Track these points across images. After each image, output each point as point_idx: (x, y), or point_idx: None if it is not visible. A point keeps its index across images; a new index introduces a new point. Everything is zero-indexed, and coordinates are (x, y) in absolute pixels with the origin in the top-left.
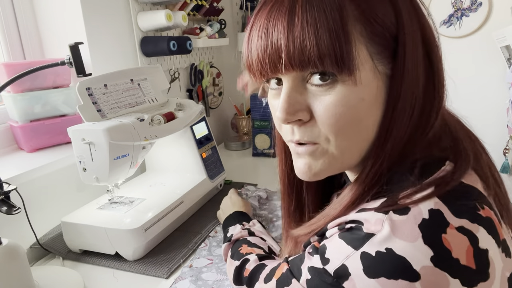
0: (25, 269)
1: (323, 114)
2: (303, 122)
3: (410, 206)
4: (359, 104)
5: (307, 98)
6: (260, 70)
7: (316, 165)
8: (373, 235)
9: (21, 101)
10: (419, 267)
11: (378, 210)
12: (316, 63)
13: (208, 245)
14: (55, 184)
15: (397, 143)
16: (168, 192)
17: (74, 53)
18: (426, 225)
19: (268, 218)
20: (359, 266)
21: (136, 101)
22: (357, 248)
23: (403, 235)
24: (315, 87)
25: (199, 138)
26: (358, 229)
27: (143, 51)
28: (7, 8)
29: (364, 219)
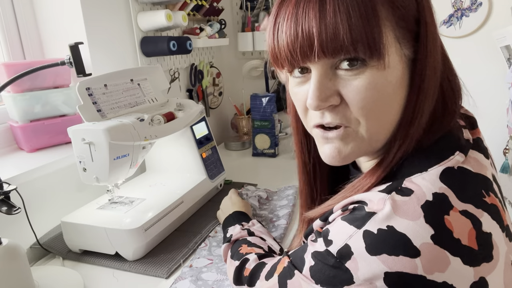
0: (25, 269)
1: (353, 97)
2: (334, 106)
3: (414, 189)
4: (387, 87)
5: (336, 83)
6: (289, 59)
7: (346, 149)
8: (375, 214)
9: (21, 101)
10: (419, 244)
11: (382, 190)
12: (349, 49)
13: (208, 245)
14: (55, 184)
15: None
16: (168, 192)
17: (74, 53)
18: (429, 206)
19: (268, 218)
20: (362, 244)
21: (136, 101)
22: (359, 227)
23: (405, 214)
24: (344, 71)
25: (199, 138)
26: (360, 209)
27: (143, 51)
28: (7, 8)
29: (369, 199)
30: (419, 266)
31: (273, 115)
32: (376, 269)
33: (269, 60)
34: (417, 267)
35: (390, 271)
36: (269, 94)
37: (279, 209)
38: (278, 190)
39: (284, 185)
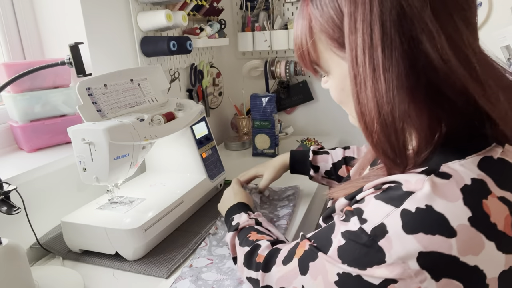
0: (25, 269)
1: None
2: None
3: (452, 174)
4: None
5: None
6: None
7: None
8: (413, 193)
9: (21, 101)
10: (456, 224)
11: (419, 172)
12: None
13: (208, 244)
14: (55, 184)
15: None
16: (168, 192)
17: (74, 53)
18: (468, 189)
19: (268, 218)
20: (398, 223)
21: (136, 101)
22: (397, 206)
23: (444, 195)
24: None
25: (199, 138)
26: (396, 188)
27: (143, 51)
28: (7, 8)
29: (405, 179)
30: (454, 246)
31: (273, 115)
32: (411, 248)
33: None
34: (452, 247)
35: (424, 251)
36: (269, 94)
37: (280, 209)
38: (279, 190)
39: (285, 185)
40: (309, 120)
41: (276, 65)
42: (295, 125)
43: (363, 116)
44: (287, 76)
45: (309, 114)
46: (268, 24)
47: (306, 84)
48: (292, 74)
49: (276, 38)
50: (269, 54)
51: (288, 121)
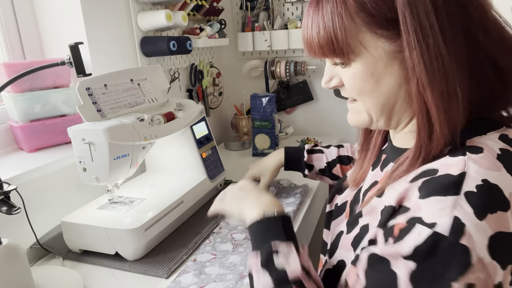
0: (25, 269)
1: (346, 84)
2: (340, 86)
3: (482, 146)
4: (368, 78)
5: (338, 72)
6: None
7: (353, 118)
8: (464, 173)
9: (21, 101)
10: (508, 194)
11: (452, 155)
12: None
13: (212, 241)
14: (55, 184)
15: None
16: (168, 192)
17: (74, 53)
18: (503, 158)
19: None
20: (469, 210)
21: (136, 101)
22: (457, 192)
23: (489, 166)
24: (337, 65)
25: (199, 138)
26: (442, 177)
27: (143, 51)
28: (7, 8)
29: (440, 165)
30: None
31: (273, 115)
32: (486, 234)
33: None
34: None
35: (492, 234)
36: (269, 94)
37: (286, 206)
38: (288, 187)
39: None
40: (309, 120)
41: (276, 65)
42: (295, 125)
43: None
44: (287, 76)
45: (309, 114)
46: (268, 24)
47: (306, 84)
48: (292, 74)
49: (276, 38)
50: (269, 54)
51: (288, 121)
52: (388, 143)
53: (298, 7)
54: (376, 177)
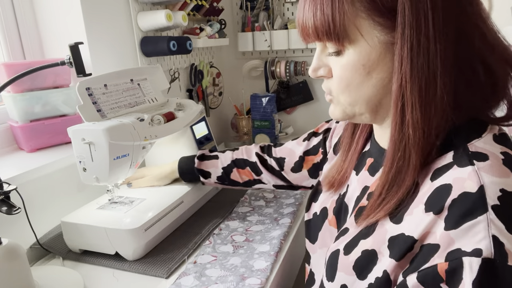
0: (25, 269)
1: (335, 75)
2: (327, 77)
3: (485, 152)
4: (360, 69)
5: (329, 61)
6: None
7: (336, 111)
8: (482, 186)
9: (21, 101)
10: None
11: (459, 164)
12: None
13: (213, 242)
14: (55, 184)
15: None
16: (168, 192)
17: (74, 53)
18: (507, 163)
19: (273, 217)
20: (501, 225)
21: (136, 101)
22: (484, 210)
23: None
24: (330, 54)
25: (199, 138)
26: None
27: (143, 51)
28: (7, 8)
29: (452, 179)
30: None
31: (273, 115)
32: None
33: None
34: None
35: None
36: (269, 94)
37: (285, 207)
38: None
39: None
40: (309, 120)
41: (276, 65)
42: (295, 125)
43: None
44: (287, 76)
45: (309, 114)
46: (268, 24)
47: (306, 84)
48: (292, 74)
49: (276, 38)
50: (269, 54)
51: (288, 121)
52: (374, 144)
53: None
54: (366, 182)
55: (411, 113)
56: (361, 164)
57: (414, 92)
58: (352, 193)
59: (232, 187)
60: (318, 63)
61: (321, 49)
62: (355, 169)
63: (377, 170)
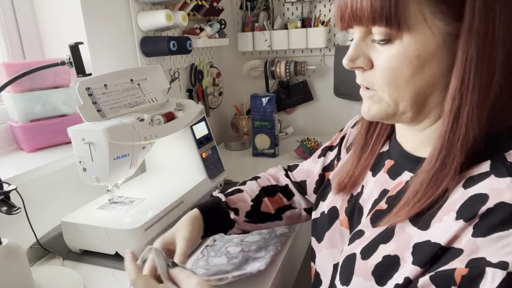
0: (25, 269)
1: (380, 66)
2: (364, 69)
3: None
4: (414, 60)
5: (371, 50)
6: (338, 22)
7: (373, 108)
8: None
9: (21, 101)
10: None
11: (497, 174)
12: (370, 20)
13: (206, 255)
14: (55, 184)
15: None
16: (168, 192)
17: (74, 53)
18: None
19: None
20: None
21: (136, 101)
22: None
23: None
24: (376, 42)
25: (199, 138)
26: (499, 209)
27: (143, 51)
28: (7, 8)
29: (489, 189)
30: None
31: (273, 115)
32: None
33: None
34: None
35: None
36: (269, 94)
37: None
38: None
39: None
40: (309, 120)
41: (276, 65)
42: (295, 125)
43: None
44: (287, 76)
45: (309, 114)
46: (268, 24)
47: (306, 84)
48: (292, 74)
49: (276, 38)
50: (269, 54)
51: (288, 121)
52: (394, 146)
53: (298, 7)
54: (386, 186)
55: (468, 112)
56: (378, 165)
57: (475, 89)
58: (369, 196)
59: (257, 226)
60: (357, 52)
61: (362, 36)
62: (371, 169)
63: (398, 173)
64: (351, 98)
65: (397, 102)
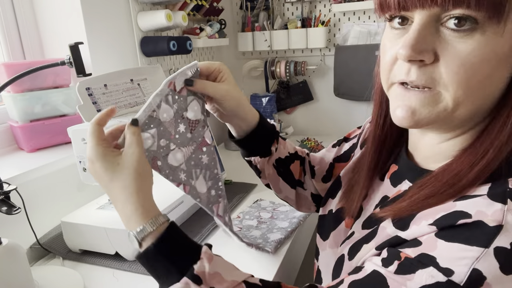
0: (25, 269)
1: (452, 61)
2: (424, 63)
3: None
4: (493, 59)
5: (437, 41)
6: (400, 1)
7: (423, 112)
8: (501, 227)
9: (21, 101)
10: None
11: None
12: (472, 2)
13: (242, 217)
14: (55, 184)
15: None
16: (168, 192)
17: (74, 53)
18: None
19: None
20: (495, 264)
21: (136, 101)
22: (487, 245)
23: None
24: (450, 31)
25: None
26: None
27: (143, 51)
28: (7, 8)
29: (476, 210)
30: None
31: (273, 115)
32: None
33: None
34: None
35: None
36: (269, 94)
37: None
38: (287, 211)
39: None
40: (309, 120)
41: (276, 65)
42: (295, 125)
43: None
44: (287, 76)
45: (309, 114)
46: (268, 24)
47: (306, 84)
48: (292, 74)
49: (276, 38)
50: (269, 54)
51: (288, 121)
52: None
53: (298, 7)
54: (387, 192)
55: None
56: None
57: None
58: (373, 201)
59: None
60: (423, 41)
61: (428, 22)
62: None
63: (399, 181)
64: (351, 98)
65: (459, 105)
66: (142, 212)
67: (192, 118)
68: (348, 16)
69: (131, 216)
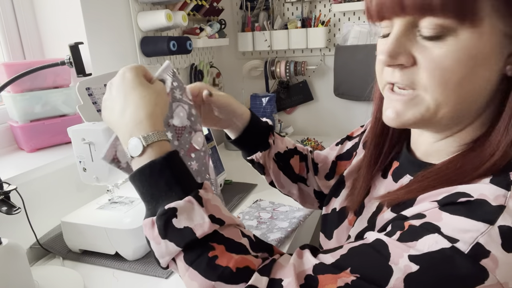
0: (25, 269)
1: (428, 64)
2: (404, 66)
3: None
4: (469, 61)
5: (414, 46)
6: (378, 11)
7: (408, 113)
8: (505, 207)
9: (21, 101)
10: None
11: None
12: (438, 8)
13: (241, 218)
14: (55, 184)
15: None
16: None
17: (74, 53)
18: None
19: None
20: (498, 241)
21: None
22: (492, 222)
23: None
24: (424, 38)
25: None
26: (480, 203)
27: (143, 51)
28: (7, 8)
29: (479, 193)
30: None
31: (273, 115)
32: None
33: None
34: None
35: None
36: (269, 94)
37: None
38: (287, 211)
39: None
40: (309, 120)
41: (276, 65)
42: (295, 125)
43: None
44: (287, 76)
45: (309, 114)
46: (268, 24)
47: (306, 84)
48: (292, 74)
49: (276, 38)
50: (269, 54)
51: (288, 121)
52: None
53: (298, 7)
54: (389, 188)
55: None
56: (386, 168)
57: None
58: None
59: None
60: (399, 47)
61: (404, 29)
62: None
63: (400, 176)
64: (351, 98)
65: (440, 106)
66: (155, 122)
67: (178, 125)
68: (348, 16)
69: (142, 120)
